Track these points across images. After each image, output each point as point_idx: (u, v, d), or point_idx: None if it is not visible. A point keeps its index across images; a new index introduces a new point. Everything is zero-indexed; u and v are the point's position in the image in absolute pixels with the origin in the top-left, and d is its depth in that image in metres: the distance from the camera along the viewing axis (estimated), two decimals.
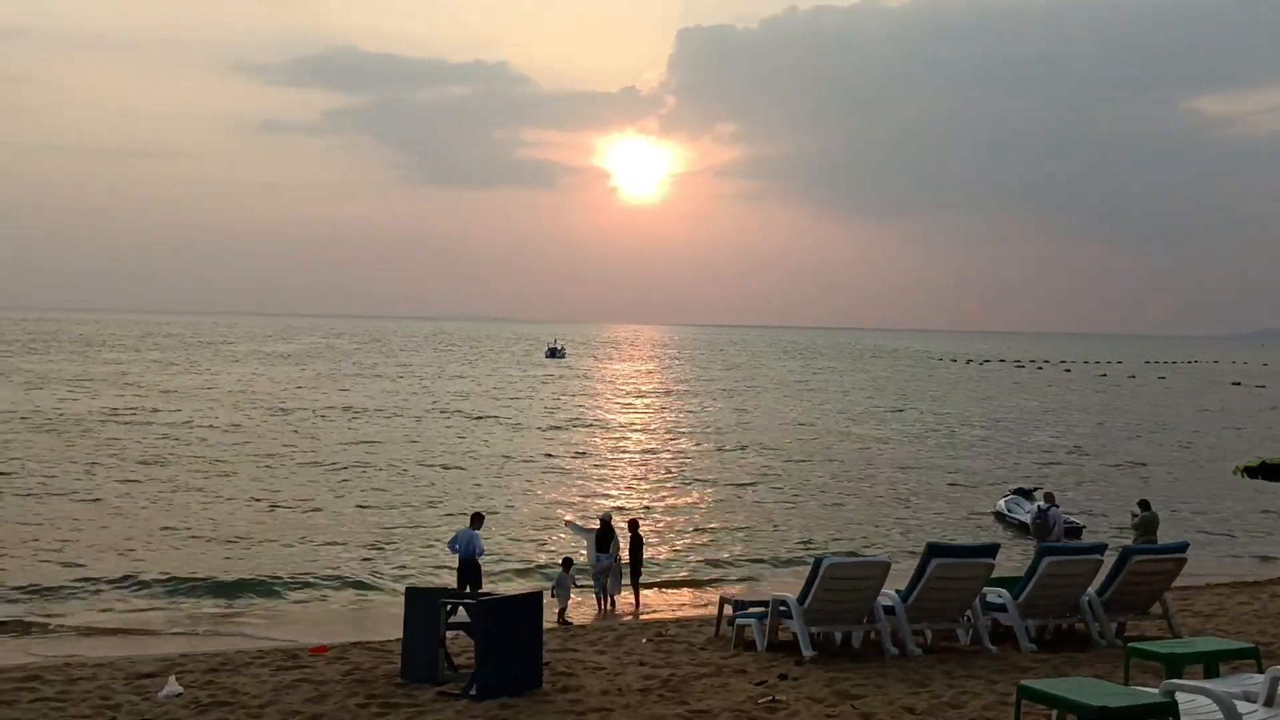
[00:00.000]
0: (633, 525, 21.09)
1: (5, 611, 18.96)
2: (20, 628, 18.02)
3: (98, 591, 20.78)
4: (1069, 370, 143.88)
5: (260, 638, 17.37)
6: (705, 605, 20.03)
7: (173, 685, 11.90)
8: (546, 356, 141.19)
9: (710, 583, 23.33)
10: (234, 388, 75.41)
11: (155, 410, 57.03)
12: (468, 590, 16.63)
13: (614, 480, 38.51)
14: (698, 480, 38.32)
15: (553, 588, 18.54)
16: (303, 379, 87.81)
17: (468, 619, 12.09)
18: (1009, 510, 30.83)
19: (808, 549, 26.23)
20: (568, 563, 19.34)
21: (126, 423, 50.98)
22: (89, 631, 18.09)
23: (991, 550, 14.44)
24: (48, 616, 18.84)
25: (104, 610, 19.56)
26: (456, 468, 39.89)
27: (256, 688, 12.07)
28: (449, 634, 12.25)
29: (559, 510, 30.92)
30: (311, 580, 22.15)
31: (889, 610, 13.81)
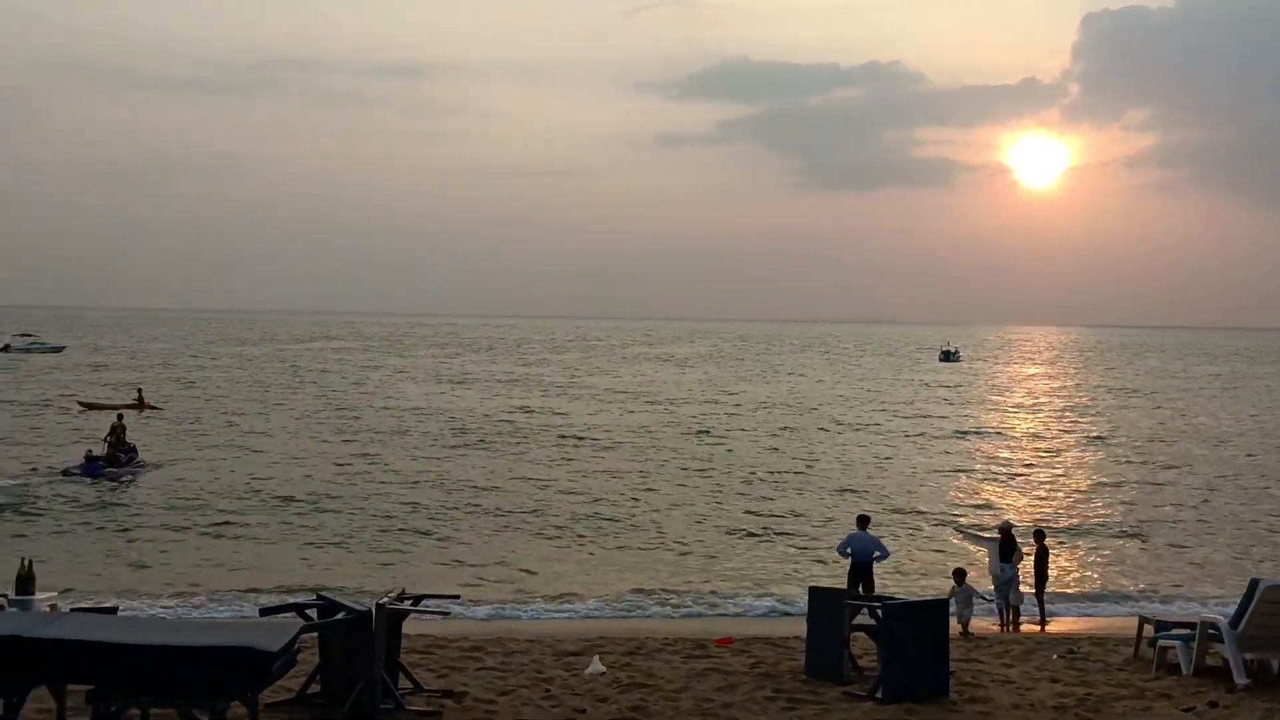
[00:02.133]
0: (1038, 535, 20.28)
1: None
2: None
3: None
4: None
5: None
6: (1118, 623, 18.93)
7: (597, 664, 12.82)
8: (940, 360, 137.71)
9: (1123, 599, 22.01)
10: (633, 389, 79.45)
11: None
12: (860, 592, 16.65)
13: (1014, 488, 37.11)
14: (1109, 492, 36.13)
15: (952, 599, 18.18)
16: (695, 382, 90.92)
17: (871, 621, 12.18)
18: None
19: (1237, 569, 24.08)
20: (961, 574, 18.80)
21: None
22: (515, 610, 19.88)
23: None
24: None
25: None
26: (847, 473, 39.93)
27: (670, 673, 12.74)
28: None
29: (955, 518, 30.24)
30: (713, 578, 23.04)
31: None
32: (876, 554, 17.98)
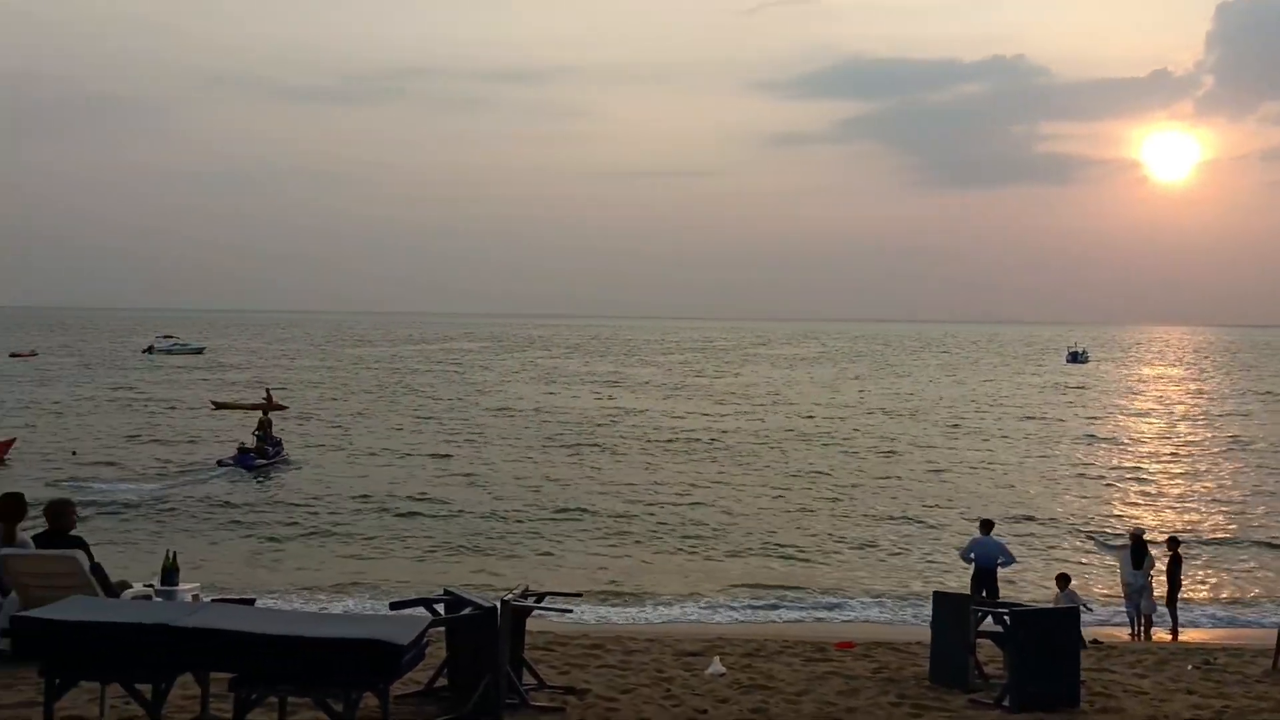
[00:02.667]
0: (1172, 543, 19.69)
1: None
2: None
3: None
4: None
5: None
6: (1255, 634, 18.23)
7: (717, 665, 12.79)
8: (1067, 361, 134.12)
9: (1261, 609, 21.21)
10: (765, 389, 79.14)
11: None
12: (984, 598, 16.35)
13: (1145, 494, 35.97)
14: (1247, 499, 34.77)
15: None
16: (811, 384, 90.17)
17: (998, 628, 11.91)
18: None
19: None
20: (1064, 579, 18.27)
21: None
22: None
23: None
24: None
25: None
26: (969, 476, 39.17)
27: (790, 675, 12.65)
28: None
29: (1082, 525, 29.45)
30: (833, 582, 22.87)
31: None
32: (1001, 560, 17.64)
